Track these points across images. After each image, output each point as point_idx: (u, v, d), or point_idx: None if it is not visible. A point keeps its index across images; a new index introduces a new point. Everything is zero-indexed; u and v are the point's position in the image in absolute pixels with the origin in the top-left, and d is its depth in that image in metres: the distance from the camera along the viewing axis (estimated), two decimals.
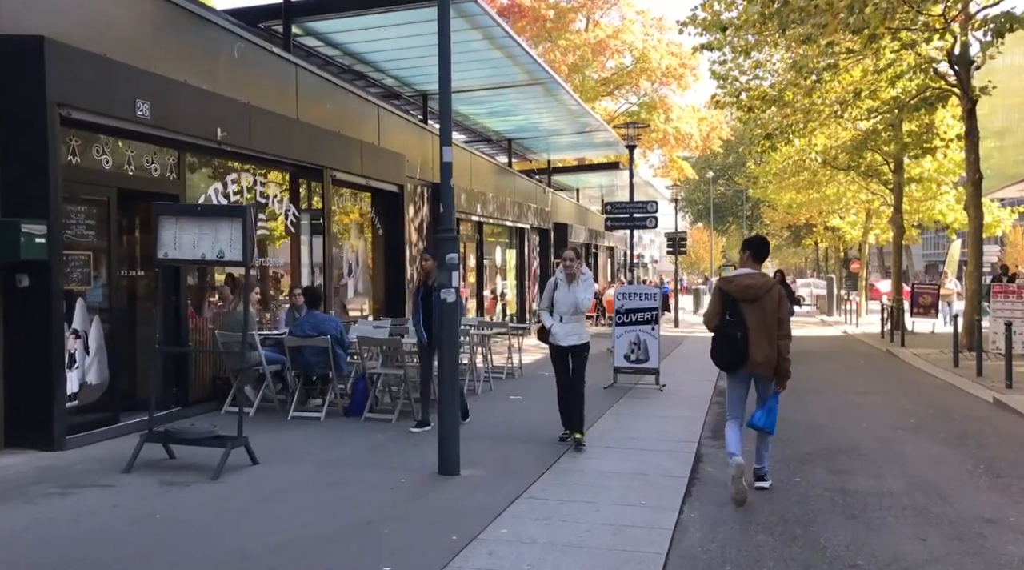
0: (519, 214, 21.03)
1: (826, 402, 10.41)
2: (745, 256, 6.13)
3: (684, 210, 78.78)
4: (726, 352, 5.94)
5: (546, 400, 10.57)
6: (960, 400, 10.35)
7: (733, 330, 5.85)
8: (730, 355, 5.92)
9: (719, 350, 6.00)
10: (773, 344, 5.83)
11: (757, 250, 6.11)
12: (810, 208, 32.90)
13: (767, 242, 6.36)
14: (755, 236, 6.52)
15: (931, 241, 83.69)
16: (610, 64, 41.12)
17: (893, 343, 18.69)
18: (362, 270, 13.32)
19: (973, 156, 15.35)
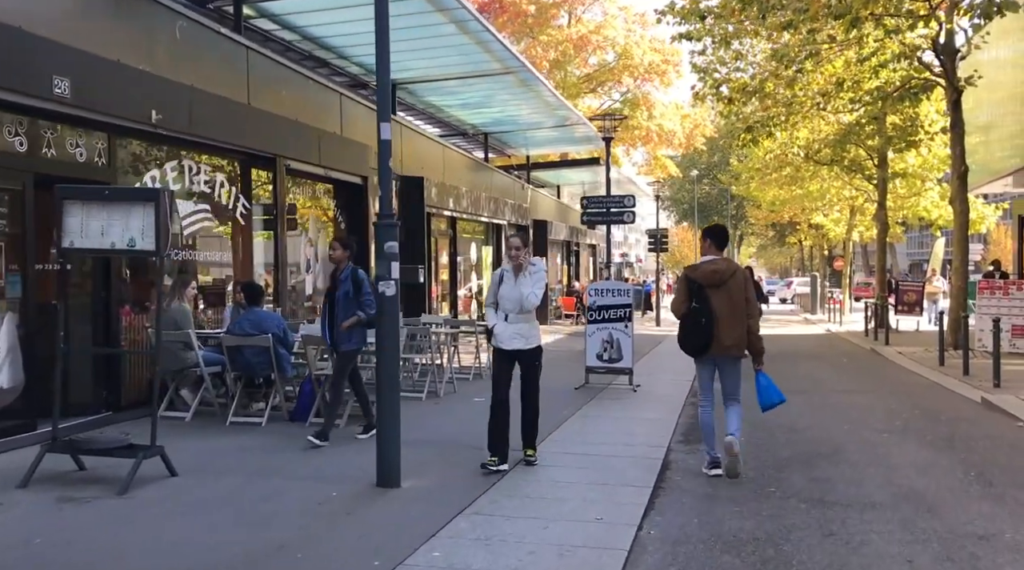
0: (495, 210, 20.42)
1: (808, 402, 9.87)
2: (707, 244, 6.40)
3: (669, 210, 78.53)
4: (694, 337, 6.14)
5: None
6: (947, 400, 9.83)
7: (700, 315, 6.05)
8: (697, 339, 6.11)
9: (687, 335, 6.21)
10: (742, 326, 6.05)
11: (717, 238, 6.38)
12: (793, 205, 32.47)
13: (726, 230, 6.59)
14: (714, 225, 6.71)
15: (915, 240, 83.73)
16: (592, 60, 40.62)
17: (877, 341, 18.23)
18: (323, 266, 12.67)
19: (959, 149, 14.88)
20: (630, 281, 41.96)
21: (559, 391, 10.73)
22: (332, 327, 7.32)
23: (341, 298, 7.27)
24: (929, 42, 14.42)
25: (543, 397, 6.79)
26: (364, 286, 7.24)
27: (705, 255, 6.38)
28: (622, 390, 10.89)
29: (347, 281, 7.26)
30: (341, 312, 7.24)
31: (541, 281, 6.44)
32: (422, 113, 19.28)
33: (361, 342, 7.37)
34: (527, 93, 17.48)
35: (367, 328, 7.25)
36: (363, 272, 7.41)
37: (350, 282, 7.25)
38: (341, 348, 7.29)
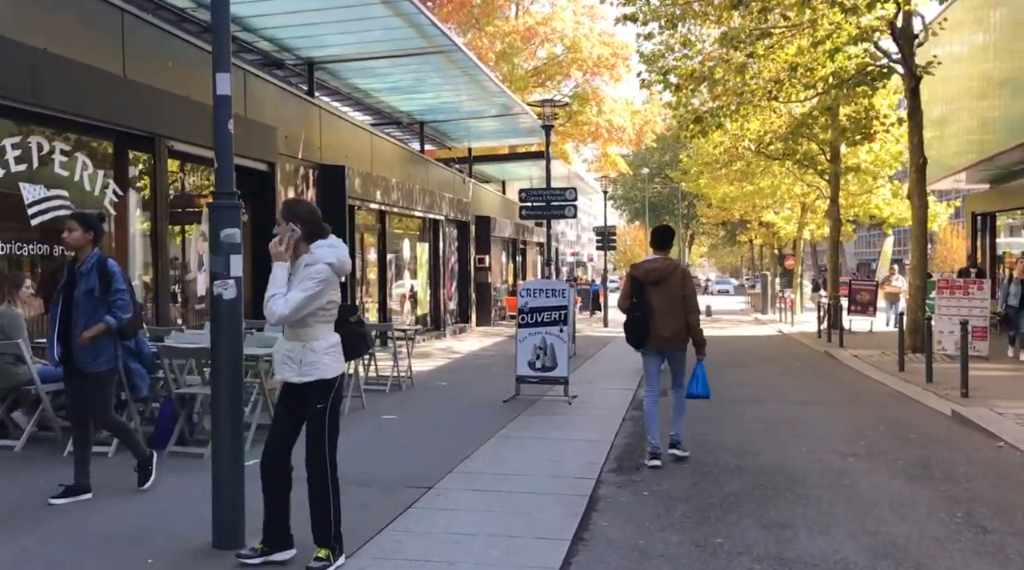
0: (431, 204, 19.08)
1: (761, 416, 8.77)
2: (652, 245, 6.84)
3: (621, 209, 78.02)
4: (634, 329, 6.55)
5: (426, 419, 8.72)
6: (914, 413, 8.82)
7: (638, 311, 6.48)
8: (637, 332, 6.53)
9: (629, 328, 6.61)
10: (680, 320, 6.48)
11: (659, 238, 6.80)
12: (744, 202, 31.75)
13: (669, 230, 6.94)
14: (659, 226, 7.04)
15: (863, 239, 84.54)
16: (541, 54, 39.61)
17: (831, 343, 17.36)
18: None
19: (917, 138, 14.03)
20: (580, 281, 40.98)
21: (486, 405, 9.51)
22: (66, 338, 5.32)
23: (81, 298, 5.30)
24: (886, 24, 13.51)
25: (464, 414, 5.56)
26: (115, 281, 5.34)
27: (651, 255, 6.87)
28: (556, 403, 9.70)
29: (90, 275, 5.31)
30: (81, 318, 5.29)
31: (309, 282, 4.11)
32: (349, 98, 17.86)
33: (113, 359, 5.46)
34: (462, 77, 16.19)
35: (121, 340, 5.54)
36: (114, 262, 5.46)
37: (95, 276, 5.30)
38: (87, 368, 5.32)
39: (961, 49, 17.40)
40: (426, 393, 10.62)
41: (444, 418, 8.75)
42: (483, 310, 23.78)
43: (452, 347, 17.35)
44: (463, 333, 21.30)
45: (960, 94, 17.80)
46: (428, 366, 13.85)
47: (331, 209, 14.23)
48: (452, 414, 9.02)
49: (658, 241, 6.77)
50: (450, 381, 11.94)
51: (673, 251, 7.10)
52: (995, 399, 9.18)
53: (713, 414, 8.84)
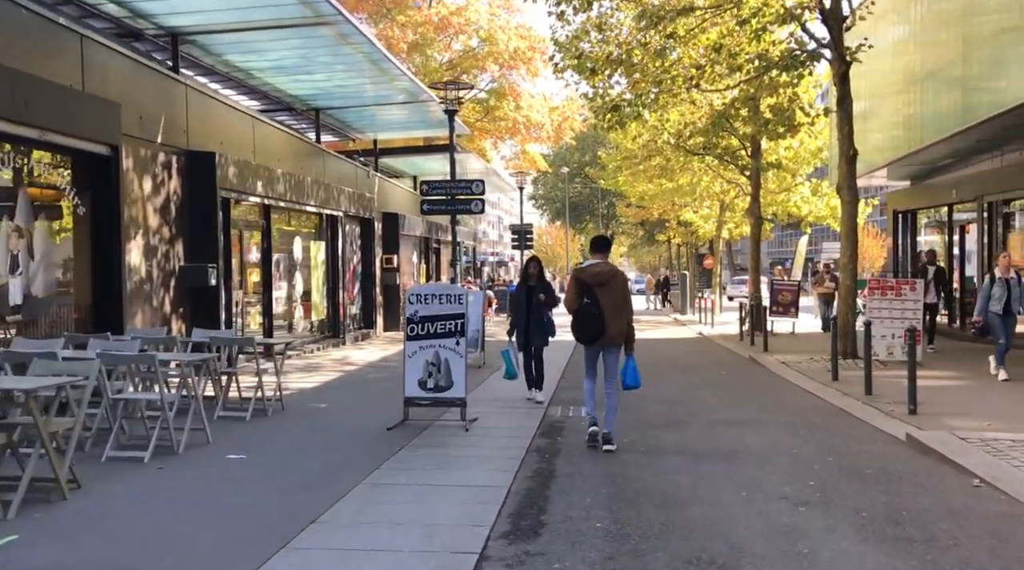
0: (327, 199, 17.28)
1: (686, 445, 7.43)
2: (591, 251, 7.48)
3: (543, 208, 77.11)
4: (588, 328, 7.04)
5: (281, 460, 7.02)
6: (862, 438, 7.61)
7: (593, 309, 6.96)
8: (591, 330, 7.03)
9: (581, 327, 7.08)
10: (623, 320, 7.06)
11: (598, 245, 7.45)
12: (663, 200, 30.90)
13: (606, 238, 7.74)
14: (598, 235, 7.78)
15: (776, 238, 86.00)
16: (457, 47, 38.18)
17: (755, 347, 16.37)
18: (43, 265, 9.26)
19: (847, 128, 13.06)
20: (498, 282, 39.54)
21: (365, 435, 7.93)
22: None
23: None
24: (815, 2, 12.47)
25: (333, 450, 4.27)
26: None
27: (591, 259, 7.42)
28: (451, 429, 8.18)
29: None
30: None
31: None
32: (228, 79, 15.90)
33: None
34: (355, 56, 14.48)
35: None
36: None
37: None
38: None
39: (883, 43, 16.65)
40: (296, 420, 8.92)
41: (305, 457, 7.10)
42: (391, 315, 22.03)
43: (348, 357, 15.61)
44: (366, 340, 19.55)
45: (882, 89, 17.08)
46: (313, 382, 12.12)
47: (199, 202, 12.42)
48: (317, 450, 7.37)
49: (597, 247, 7.49)
50: (332, 402, 10.27)
51: None
52: (947, 417, 8.09)
53: (632, 443, 7.45)
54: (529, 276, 9.96)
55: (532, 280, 9.87)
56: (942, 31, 13.96)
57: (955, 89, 13.44)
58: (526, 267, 10.20)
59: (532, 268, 9.99)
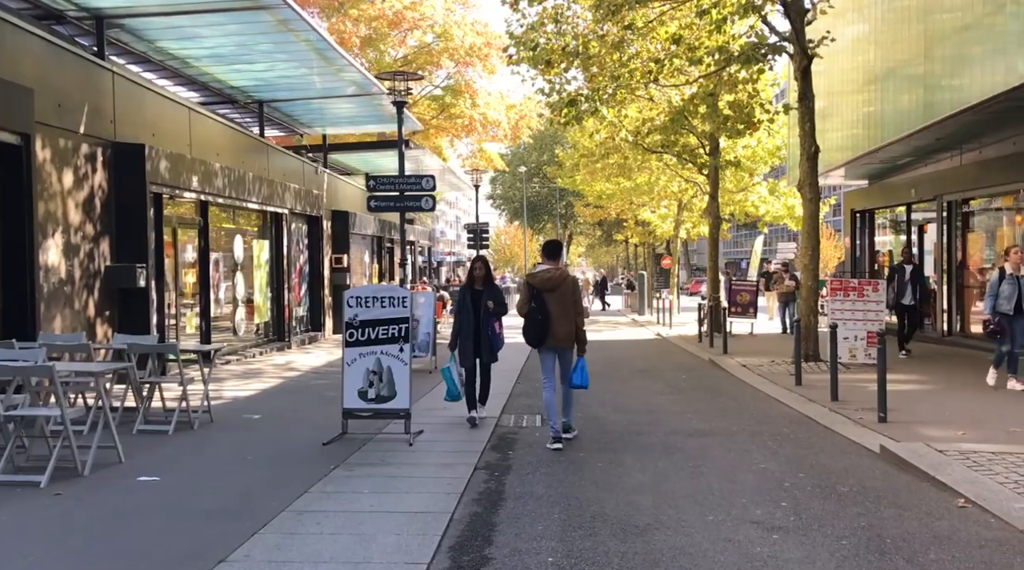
0: (270, 195, 16.46)
1: (646, 459, 6.89)
2: (543, 256, 7.83)
3: (500, 208, 76.55)
4: (535, 331, 7.40)
5: (199, 481, 6.26)
6: (834, 449, 7.14)
7: (539, 314, 7.33)
8: (538, 333, 7.40)
9: (530, 330, 7.43)
10: (572, 323, 7.40)
11: (550, 250, 7.82)
12: (621, 200, 30.53)
13: (558, 243, 7.99)
14: (550, 241, 8.11)
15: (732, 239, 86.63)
16: (412, 42, 37.48)
17: (714, 349, 15.99)
18: None
19: (808, 124, 12.70)
20: (454, 282, 38.83)
21: (299, 450, 7.27)
22: None
23: None
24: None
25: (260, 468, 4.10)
26: None
27: (543, 264, 7.63)
28: (393, 443, 7.55)
29: None
30: None
31: None
32: (164, 68, 14.98)
33: None
34: (297, 44, 13.71)
35: None
36: None
37: None
38: None
39: (842, 41, 16.39)
40: (224, 433, 8.19)
41: (227, 477, 6.40)
42: (341, 317, 21.08)
43: (293, 362, 14.82)
44: (314, 344, 18.73)
45: (841, 87, 16.82)
46: (250, 390, 11.35)
47: (127, 197, 11.58)
48: (242, 469, 6.67)
49: (549, 253, 7.73)
50: (268, 412, 9.53)
51: None
52: (918, 425, 7.68)
53: (589, 458, 6.89)
54: (475, 279, 8.56)
55: (479, 284, 8.51)
56: (903, 28, 13.71)
57: (916, 87, 13.18)
58: (471, 269, 8.73)
59: (478, 269, 8.55)
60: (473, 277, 8.63)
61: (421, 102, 38.72)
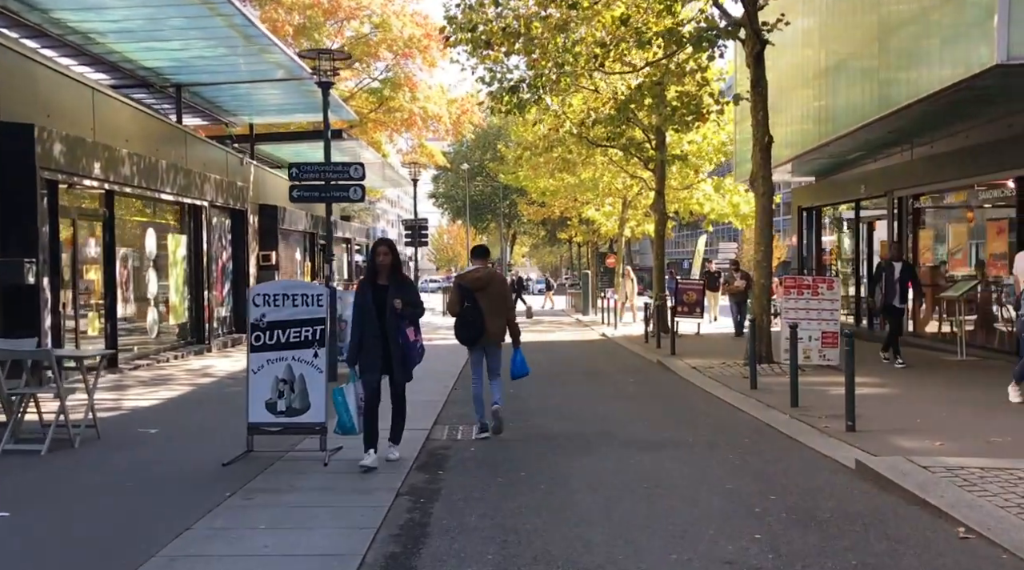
0: (188, 186, 15.18)
1: (595, 477, 6.04)
2: (472, 258, 8.10)
3: (443, 207, 75.37)
4: (468, 329, 7.53)
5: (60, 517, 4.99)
6: (804, 465, 6.39)
7: (473, 312, 7.47)
8: (471, 331, 7.52)
9: (463, 329, 7.56)
10: (503, 319, 7.65)
11: (477, 253, 8.00)
12: (565, 196, 29.82)
13: (485, 247, 8.16)
14: (478, 245, 8.20)
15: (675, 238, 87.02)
16: (349, 33, 36.28)
17: (661, 350, 15.31)
18: None
19: (761, 113, 12.07)
20: None
21: (194, 472, 6.27)
22: None
23: None
24: None
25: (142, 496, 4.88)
26: None
27: (472, 265, 8.05)
28: (306, 463, 6.56)
29: None
30: None
31: None
32: (66, 44, 13.62)
33: None
34: (212, 19, 12.54)
35: None
36: None
37: None
38: None
39: (791, 35, 15.90)
40: (109, 453, 7.06)
41: (96, 511, 5.33)
42: None
43: (210, 367, 13.61)
44: (237, 346, 17.44)
45: (790, 82, 16.31)
46: (153, 399, 10.17)
47: (13, 183, 10.28)
48: (118, 499, 5.60)
49: (477, 255, 7.99)
50: (168, 425, 8.42)
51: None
52: (890, 434, 7.01)
53: (532, 477, 6.01)
54: (378, 270, 6.41)
55: (383, 277, 6.39)
56: (854, 19, 13.23)
57: (870, 78, 12.69)
58: (372, 255, 6.50)
59: (382, 256, 6.37)
60: (376, 268, 6.45)
61: (359, 95, 37.48)
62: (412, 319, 6.55)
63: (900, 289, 11.83)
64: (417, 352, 6.64)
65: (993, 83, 10.05)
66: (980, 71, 9.54)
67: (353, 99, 36.35)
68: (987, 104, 11.45)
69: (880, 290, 12.03)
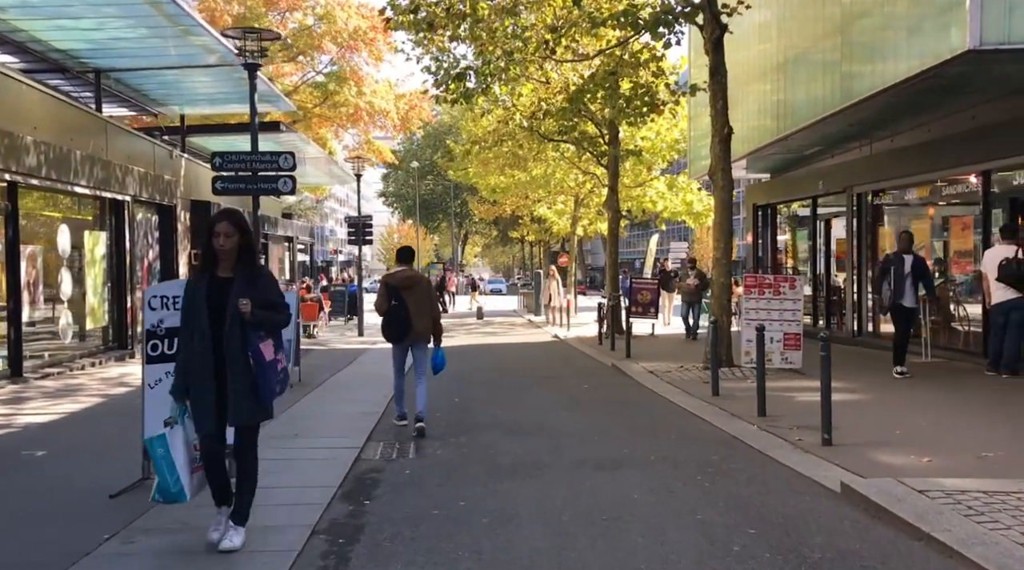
0: (107, 179, 13.98)
1: (549, 510, 5.23)
2: (398, 260, 8.18)
3: (393, 206, 74.00)
4: (396, 327, 7.78)
5: None
6: (783, 490, 5.65)
7: (400, 311, 7.73)
8: (399, 329, 7.77)
9: (390, 327, 7.83)
10: (428, 319, 7.86)
11: (403, 255, 8.16)
12: (516, 194, 29.06)
13: (410, 249, 8.32)
14: (402, 247, 8.37)
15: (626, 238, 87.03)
16: (292, 25, 35.05)
17: (616, 352, 14.61)
18: None
19: (721, 102, 11.45)
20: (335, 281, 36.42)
21: (75, 503, 5.41)
22: None
23: None
24: None
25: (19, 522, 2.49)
26: None
27: (397, 266, 8.15)
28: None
29: None
30: None
31: None
32: None
33: None
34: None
35: None
36: None
37: None
38: None
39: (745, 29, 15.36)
40: None
41: None
42: None
43: (128, 375, 12.44)
44: None
45: (746, 76, 15.75)
46: (53, 414, 9.07)
47: None
48: None
49: (403, 257, 8.13)
50: (60, 445, 7.39)
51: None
52: (870, 448, 6.35)
53: (472, 505, 5.17)
54: (218, 258, 4.44)
55: (225, 267, 4.46)
56: (816, 10, 12.70)
57: (831, 70, 12.15)
58: (209, 235, 4.43)
59: (223, 237, 4.38)
60: (215, 253, 4.44)
61: (303, 89, 36.26)
62: (269, 328, 4.45)
63: (913, 287, 10.29)
64: (275, 377, 4.41)
65: (963, 70, 9.57)
66: (951, 57, 9.06)
67: (297, 93, 35.11)
68: (953, 95, 10.98)
69: (889, 287, 10.35)
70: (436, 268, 75.60)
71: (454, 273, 56.17)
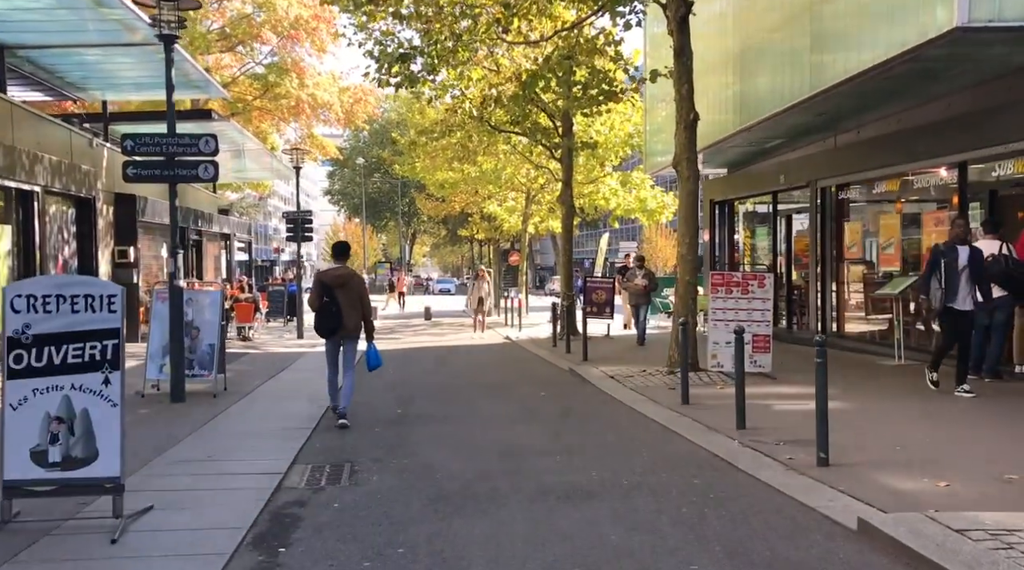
0: (11, 167, 12.55)
1: (501, 550, 4.26)
2: (333, 257, 8.42)
3: (339, 204, 72.20)
4: (328, 323, 7.96)
5: None
6: (785, 525, 4.77)
7: (332, 307, 7.93)
8: (330, 324, 7.95)
9: (322, 322, 7.99)
10: (359, 315, 8.08)
11: (338, 251, 8.40)
12: (465, 189, 28.01)
13: (346, 244, 8.55)
14: (337, 242, 8.68)
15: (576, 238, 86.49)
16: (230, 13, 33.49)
17: (572, 355, 13.74)
18: None
19: (686, 86, 10.61)
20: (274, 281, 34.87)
21: None
22: None
23: None
24: None
25: None
26: None
27: (334, 263, 8.33)
28: (89, 535, 4.52)
29: None
30: None
31: None
32: None
33: None
34: None
35: None
36: None
37: None
38: None
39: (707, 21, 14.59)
40: None
41: None
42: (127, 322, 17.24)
43: None
44: None
45: (706, 68, 14.94)
46: None
47: None
48: None
49: (337, 253, 8.39)
50: None
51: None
52: (874, 469, 5.52)
53: (411, 551, 4.16)
54: None
55: None
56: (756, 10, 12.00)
57: (798, 57, 11.45)
58: None
59: None
60: None
61: (242, 81, 34.68)
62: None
63: (969, 285, 8.36)
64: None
65: (946, 51, 8.91)
66: (936, 36, 8.38)
67: (236, 85, 33.55)
68: (930, 80, 10.34)
69: (939, 285, 8.40)
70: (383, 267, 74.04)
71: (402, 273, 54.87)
